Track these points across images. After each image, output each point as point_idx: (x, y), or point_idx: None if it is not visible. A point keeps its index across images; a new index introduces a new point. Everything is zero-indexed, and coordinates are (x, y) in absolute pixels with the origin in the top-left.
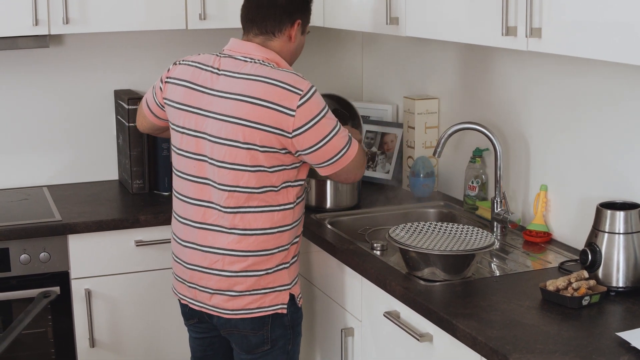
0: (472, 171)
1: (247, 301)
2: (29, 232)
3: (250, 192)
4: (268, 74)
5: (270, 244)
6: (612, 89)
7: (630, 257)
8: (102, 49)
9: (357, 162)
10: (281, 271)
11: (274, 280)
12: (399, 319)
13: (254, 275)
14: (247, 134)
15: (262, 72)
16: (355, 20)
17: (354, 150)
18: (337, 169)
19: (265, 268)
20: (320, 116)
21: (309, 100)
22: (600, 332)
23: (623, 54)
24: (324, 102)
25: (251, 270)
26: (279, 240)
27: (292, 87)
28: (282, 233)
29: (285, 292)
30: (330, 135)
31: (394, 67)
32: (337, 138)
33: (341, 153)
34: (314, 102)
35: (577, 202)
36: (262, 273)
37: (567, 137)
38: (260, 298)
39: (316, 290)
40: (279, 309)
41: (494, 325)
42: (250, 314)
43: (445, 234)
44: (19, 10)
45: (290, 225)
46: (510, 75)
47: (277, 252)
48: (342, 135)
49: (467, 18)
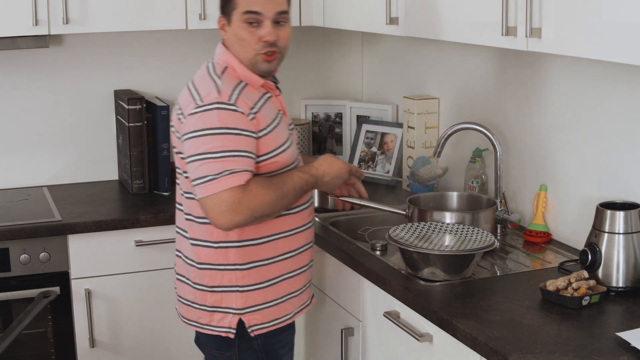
0: (472, 171)
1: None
2: (28, 232)
3: (189, 198)
4: (195, 78)
5: (212, 258)
6: (612, 89)
7: (630, 257)
8: (102, 49)
9: (218, 206)
10: (232, 293)
11: (220, 300)
12: (399, 319)
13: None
14: (175, 140)
15: (196, 76)
16: (355, 20)
17: (215, 189)
18: (200, 196)
19: (212, 285)
20: (202, 133)
21: (204, 113)
22: (600, 332)
23: (623, 54)
24: (222, 124)
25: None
26: (222, 256)
27: (198, 94)
28: (225, 249)
29: (235, 316)
30: (199, 157)
31: (394, 67)
32: (205, 164)
33: (198, 182)
34: (208, 116)
35: (577, 202)
36: (206, 289)
37: (567, 137)
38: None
39: (316, 290)
40: (224, 332)
41: (494, 325)
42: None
43: (446, 234)
44: (19, 10)
45: (233, 243)
46: (509, 75)
47: (223, 269)
48: (213, 165)
49: (466, 18)
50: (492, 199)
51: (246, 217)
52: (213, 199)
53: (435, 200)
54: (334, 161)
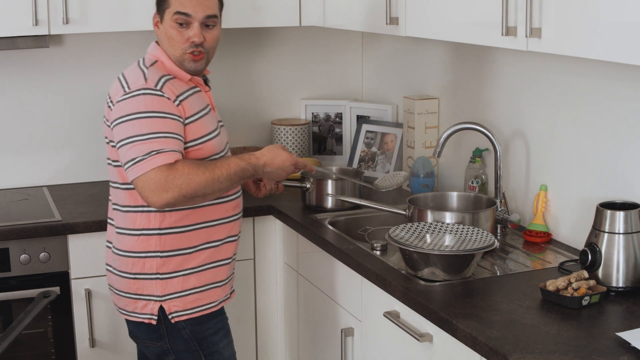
0: (472, 171)
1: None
2: (28, 232)
3: (115, 187)
4: (125, 70)
5: (134, 245)
6: (612, 88)
7: (630, 257)
8: (102, 49)
9: (147, 185)
10: (152, 280)
11: (142, 287)
12: (398, 319)
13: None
14: (105, 129)
15: (127, 67)
16: (355, 20)
17: (143, 169)
18: (131, 178)
19: (133, 272)
20: (130, 117)
21: (131, 99)
22: (600, 332)
23: (623, 53)
24: (149, 107)
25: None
26: (144, 244)
27: (126, 83)
28: (147, 237)
29: (156, 303)
30: (127, 140)
31: (394, 67)
32: (134, 147)
33: (128, 165)
34: (135, 101)
35: (577, 202)
36: (129, 276)
37: (567, 137)
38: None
39: (316, 290)
40: (147, 318)
41: (494, 325)
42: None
43: (446, 234)
44: (19, 10)
45: (154, 230)
46: (510, 75)
47: (145, 257)
48: (141, 147)
49: (467, 18)
50: (492, 199)
51: (174, 195)
52: (143, 179)
53: (435, 200)
54: (278, 153)
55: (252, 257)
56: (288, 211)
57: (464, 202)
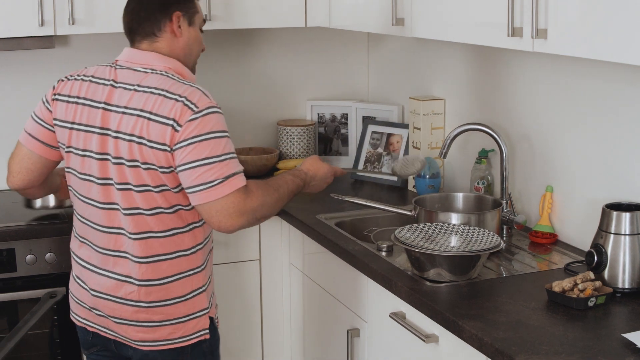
0: (478, 172)
1: (168, 331)
2: (34, 232)
3: (152, 213)
4: (170, 87)
5: (183, 266)
6: (618, 89)
7: (636, 258)
8: (108, 50)
9: (225, 209)
10: (202, 294)
11: (193, 306)
12: (404, 319)
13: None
14: (144, 152)
15: (165, 84)
16: (360, 21)
17: (222, 192)
18: (203, 201)
19: (184, 293)
20: (204, 137)
21: (203, 117)
22: (606, 333)
23: (629, 55)
24: (221, 127)
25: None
26: (191, 262)
27: (189, 101)
28: (195, 254)
29: (205, 316)
30: (209, 160)
31: (400, 68)
32: (212, 168)
33: (202, 187)
34: (208, 120)
35: (583, 203)
36: (178, 300)
37: (573, 138)
38: (182, 326)
39: (322, 291)
40: (202, 335)
41: (500, 327)
42: (172, 344)
43: (451, 235)
44: (25, 11)
45: (201, 245)
46: (515, 76)
47: (193, 274)
48: (220, 169)
49: (472, 19)
50: (498, 200)
51: (249, 218)
52: (220, 202)
53: (441, 201)
54: (320, 165)
55: (258, 258)
56: (294, 212)
57: (469, 203)
